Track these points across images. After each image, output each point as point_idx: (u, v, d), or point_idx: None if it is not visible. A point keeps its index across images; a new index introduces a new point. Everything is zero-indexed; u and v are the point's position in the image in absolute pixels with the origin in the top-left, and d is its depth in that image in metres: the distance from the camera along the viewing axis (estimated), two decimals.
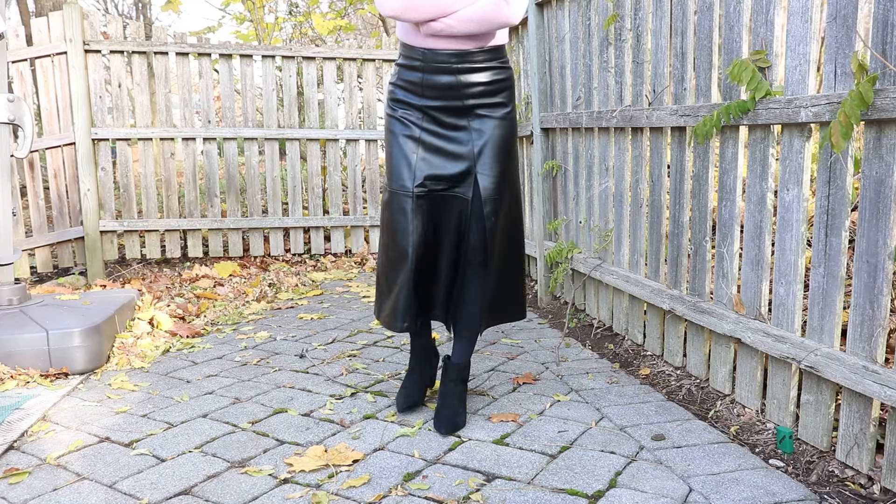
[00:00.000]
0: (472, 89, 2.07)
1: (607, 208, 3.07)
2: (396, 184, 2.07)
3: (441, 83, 2.06)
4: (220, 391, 2.51)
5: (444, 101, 2.07)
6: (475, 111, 2.09)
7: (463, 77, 2.05)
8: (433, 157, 2.07)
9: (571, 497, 1.70)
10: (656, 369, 2.59)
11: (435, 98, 2.07)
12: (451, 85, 2.06)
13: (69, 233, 4.65)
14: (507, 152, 2.11)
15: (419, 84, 2.07)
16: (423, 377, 2.29)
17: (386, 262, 2.11)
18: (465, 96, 2.07)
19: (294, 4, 7.87)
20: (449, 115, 2.09)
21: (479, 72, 2.07)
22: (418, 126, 2.09)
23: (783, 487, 1.71)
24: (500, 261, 2.13)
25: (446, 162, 2.07)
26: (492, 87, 2.09)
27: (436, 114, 2.09)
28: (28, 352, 2.65)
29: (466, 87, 2.06)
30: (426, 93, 2.08)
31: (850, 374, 1.70)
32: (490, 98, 2.09)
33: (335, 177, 5.21)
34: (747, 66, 2.00)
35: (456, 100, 2.07)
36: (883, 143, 1.63)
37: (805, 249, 1.95)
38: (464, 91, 2.06)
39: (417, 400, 2.25)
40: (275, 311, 3.75)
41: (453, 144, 2.08)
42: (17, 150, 3.01)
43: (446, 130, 2.09)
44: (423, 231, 2.05)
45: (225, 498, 1.73)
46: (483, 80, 2.07)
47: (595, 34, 3.07)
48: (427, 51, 2.04)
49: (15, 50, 4.40)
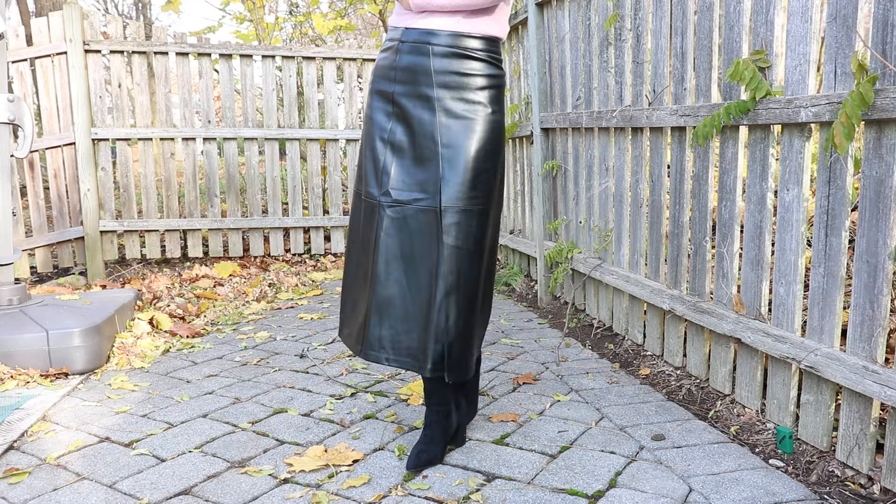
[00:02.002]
0: (446, 77, 1.77)
1: (607, 208, 3.07)
2: (364, 189, 1.86)
3: (412, 65, 1.79)
4: (220, 391, 2.51)
5: (412, 86, 1.79)
6: (444, 106, 1.78)
7: (437, 61, 1.77)
8: (400, 160, 1.82)
9: (571, 497, 1.70)
10: (656, 369, 2.59)
11: (404, 82, 1.80)
12: (422, 68, 1.78)
13: (69, 233, 4.65)
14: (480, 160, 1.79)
15: (391, 67, 1.82)
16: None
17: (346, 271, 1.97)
18: (434, 84, 1.78)
19: (294, 4, 7.87)
20: (415, 107, 1.80)
21: (460, 58, 1.78)
22: (388, 124, 1.85)
23: (783, 487, 1.71)
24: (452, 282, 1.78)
25: (412, 166, 1.81)
26: (471, 81, 1.79)
27: (404, 102, 1.81)
28: (28, 352, 2.65)
29: (440, 73, 1.77)
30: (397, 76, 1.81)
31: (850, 374, 1.70)
32: (466, 93, 1.78)
33: (335, 177, 5.21)
34: (748, 66, 2.00)
35: (426, 87, 1.78)
36: (883, 143, 1.63)
37: (805, 249, 1.96)
38: (436, 78, 1.77)
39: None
40: (275, 311, 3.75)
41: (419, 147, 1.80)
42: (17, 150, 3.01)
43: (416, 127, 1.80)
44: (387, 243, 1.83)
45: (225, 498, 1.73)
46: (462, 69, 1.78)
47: (595, 34, 3.07)
48: (408, 28, 1.80)
49: (15, 50, 4.40)
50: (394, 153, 1.83)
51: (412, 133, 1.81)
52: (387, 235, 1.81)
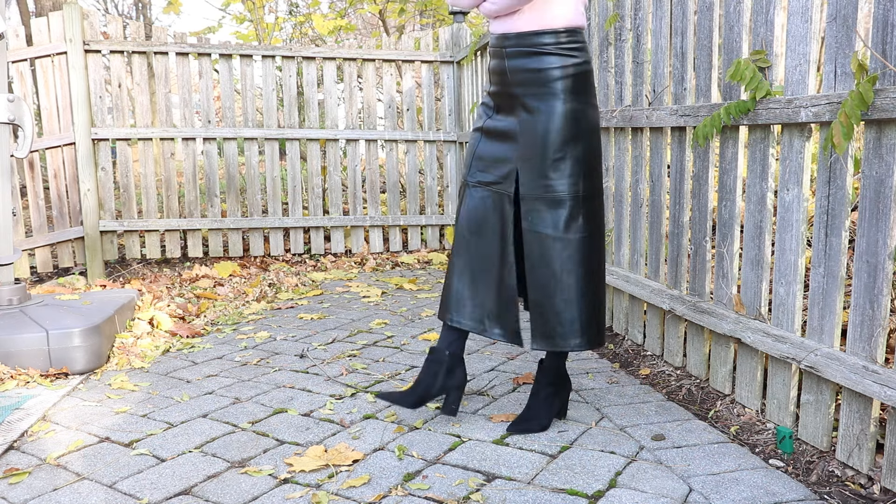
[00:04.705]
0: (518, 76, 1.94)
1: (607, 208, 3.07)
2: (465, 173, 2.10)
3: (495, 68, 2.01)
4: (220, 391, 2.51)
5: (499, 87, 2.01)
6: (522, 101, 1.95)
7: (510, 62, 1.95)
8: (489, 149, 2.03)
9: (571, 497, 1.70)
10: (656, 369, 2.59)
11: (494, 84, 2.03)
12: (501, 69, 1.98)
13: (69, 233, 4.65)
14: (554, 149, 1.93)
15: (489, 71, 2.07)
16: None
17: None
18: (512, 83, 1.96)
19: (294, 4, 7.88)
20: (506, 102, 2.00)
21: (526, 56, 1.92)
22: (487, 117, 2.06)
23: (783, 487, 1.71)
24: (547, 268, 1.98)
25: (497, 156, 2.01)
26: (540, 76, 1.92)
27: (496, 101, 2.03)
28: (28, 352, 2.65)
29: (513, 72, 1.95)
30: (491, 79, 2.05)
31: (850, 374, 1.70)
32: (536, 87, 1.93)
33: (335, 177, 5.21)
34: (748, 66, 2.00)
35: (506, 86, 1.98)
36: (883, 143, 1.63)
37: (805, 249, 1.95)
38: (511, 77, 1.95)
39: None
40: (275, 311, 3.75)
41: (504, 136, 2.01)
42: (17, 150, 3.01)
43: (504, 119, 2.01)
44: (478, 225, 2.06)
45: (225, 498, 1.73)
46: (527, 66, 1.93)
47: (595, 34, 3.07)
48: (494, 35, 2.01)
49: (15, 50, 4.40)
50: (487, 140, 2.05)
51: (499, 128, 2.02)
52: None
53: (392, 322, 3.44)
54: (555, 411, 2.11)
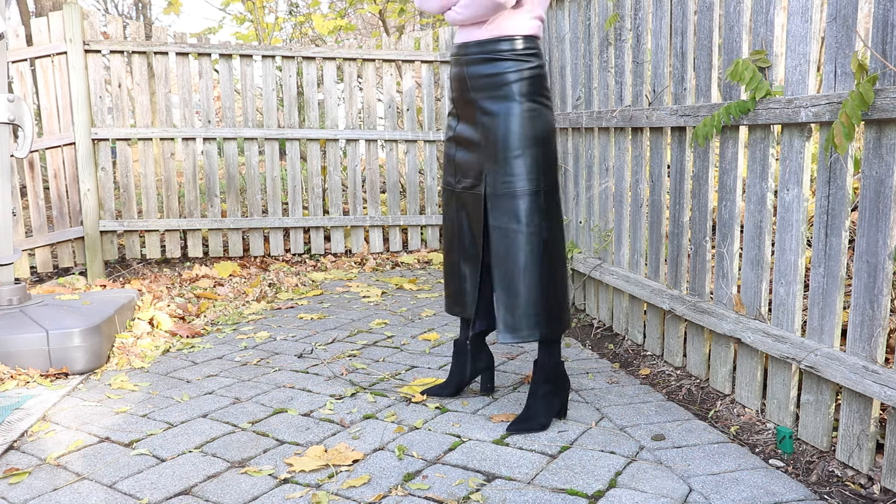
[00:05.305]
0: (475, 82, 2.05)
1: (607, 208, 3.07)
2: (444, 179, 2.23)
3: (455, 75, 2.10)
4: (220, 391, 2.51)
5: (458, 93, 2.11)
6: (481, 105, 2.05)
7: (469, 69, 2.05)
8: (461, 156, 2.15)
9: (571, 497, 1.70)
10: (656, 369, 2.59)
11: (454, 90, 2.13)
12: (461, 76, 2.08)
13: (69, 233, 4.65)
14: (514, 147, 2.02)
15: (449, 78, 2.18)
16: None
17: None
18: (470, 89, 2.07)
19: (294, 4, 7.88)
20: (465, 109, 2.11)
21: (484, 63, 2.03)
22: (453, 128, 2.18)
23: (783, 487, 1.71)
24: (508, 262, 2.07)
25: (468, 161, 2.12)
26: (496, 80, 2.01)
27: (459, 109, 2.14)
28: (28, 352, 2.65)
29: (472, 78, 2.05)
30: (452, 85, 2.14)
31: (850, 374, 1.70)
32: (492, 91, 2.03)
33: (335, 177, 5.21)
34: (748, 66, 2.00)
35: (465, 91, 2.09)
36: (883, 143, 1.63)
37: (805, 249, 1.96)
38: (470, 83, 2.06)
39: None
40: (275, 311, 3.75)
41: (469, 143, 2.12)
42: (17, 150, 3.01)
43: (466, 127, 2.12)
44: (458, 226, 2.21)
45: (225, 498, 1.73)
46: (485, 72, 2.03)
47: (595, 34, 3.07)
48: (456, 44, 2.10)
49: (15, 50, 4.40)
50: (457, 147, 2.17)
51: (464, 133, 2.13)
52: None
53: (392, 322, 3.44)
54: (554, 411, 2.12)
